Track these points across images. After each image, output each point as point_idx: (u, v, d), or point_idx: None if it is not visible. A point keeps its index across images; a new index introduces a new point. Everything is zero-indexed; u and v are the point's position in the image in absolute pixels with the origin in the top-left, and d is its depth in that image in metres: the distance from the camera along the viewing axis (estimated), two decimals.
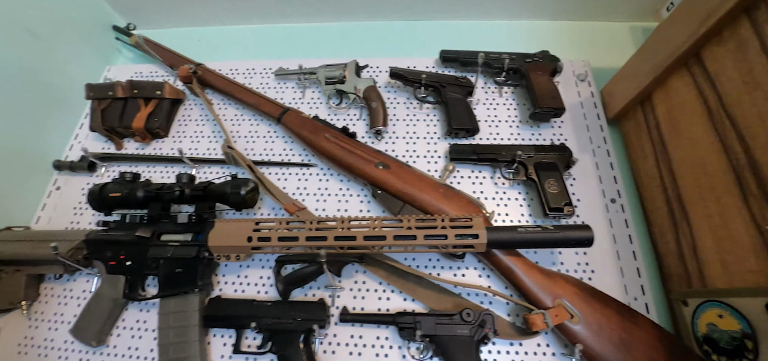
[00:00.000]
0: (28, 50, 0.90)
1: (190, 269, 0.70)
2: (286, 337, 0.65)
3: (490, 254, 0.69)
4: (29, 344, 0.77)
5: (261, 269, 0.77)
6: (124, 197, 0.74)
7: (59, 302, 0.80)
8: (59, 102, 0.98)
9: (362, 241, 0.65)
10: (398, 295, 0.73)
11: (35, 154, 0.92)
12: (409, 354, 0.69)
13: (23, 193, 0.89)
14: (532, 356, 0.68)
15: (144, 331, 0.75)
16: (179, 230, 0.73)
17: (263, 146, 0.91)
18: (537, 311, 0.64)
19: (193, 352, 0.67)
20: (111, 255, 0.74)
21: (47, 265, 0.76)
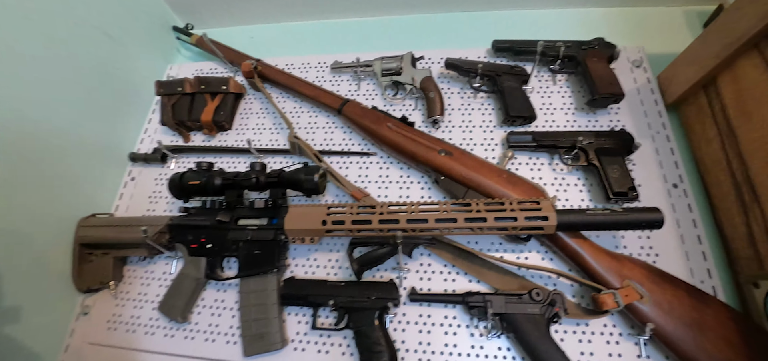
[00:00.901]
0: (105, 51, 0.97)
1: (268, 251, 0.75)
2: (363, 314, 0.69)
3: (556, 237, 0.71)
4: (117, 320, 0.83)
5: (329, 252, 0.81)
6: (202, 184, 0.79)
7: (142, 282, 0.86)
8: (130, 98, 1.05)
9: (434, 223, 0.68)
10: (463, 277, 0.76)
11: (112, 147, 0.99)
12: (477, 333, 0.71)
13: (102, 183, 0.96)
14: (599, 336, 0.69)
15: (223, 309, 0.80)
16: (255, 215, 0.78)
17: (323, 137, 0.95)
18: (607, 291, 0.65)
19: (273, 327, 0.72)
20: (192, 238, 0.79)
21: (132, 248, 0.83)
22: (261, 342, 0.71)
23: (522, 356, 0.69)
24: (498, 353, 0.70)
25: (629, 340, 0.68)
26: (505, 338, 0.71)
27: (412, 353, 0.71)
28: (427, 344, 0.72)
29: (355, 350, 0.72)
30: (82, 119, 0.90)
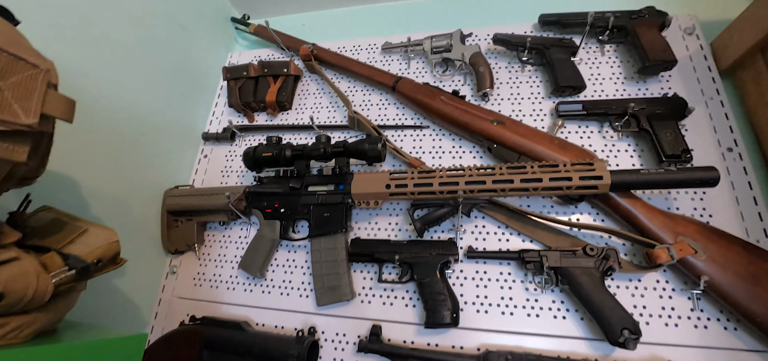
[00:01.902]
0: (180, 41, 1.08)
1: (336, 213, 0.83)
2: (425, 268, 0.76)
3: (608, 197, 0.75)
4: (202, 278, 0.95)
5: (389, 216, 0.89)
6: (274, 156, 0.88)
7: (221, 245, 0.97)
8: (200, 84, 1.15)
9: (491, 184, 0.73)
10: (517, 237, 0.81)
11: (187, 128, 1.10)
12: (531, 287, 0.77)
13: (181, 160, 1.07)
14: (652, 291, 0.73)
15: (294, 268, 0.89)
16: (323, 182, 0.86)
17: (377, 113, 1.02)
18: (661, 246, 0.69)
19: (343, 281, 0.80)
20: (267, 204, 0.89)
21: (213, 214, 0.93)
22: (332, 293, 0.80)
23: (575, 308, 0.74)
24: (552, 305, 0.75)
25: (682, 295, 0.71)
26: (559, 292, 0.75)
27: (470, 305, 0.77)
28: (485, 298, 0.77)
29: (418, 303, 0.79)
30: (162, 103, 1.02)
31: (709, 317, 0.69)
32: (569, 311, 0.74)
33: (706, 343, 0.68)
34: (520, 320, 0.75)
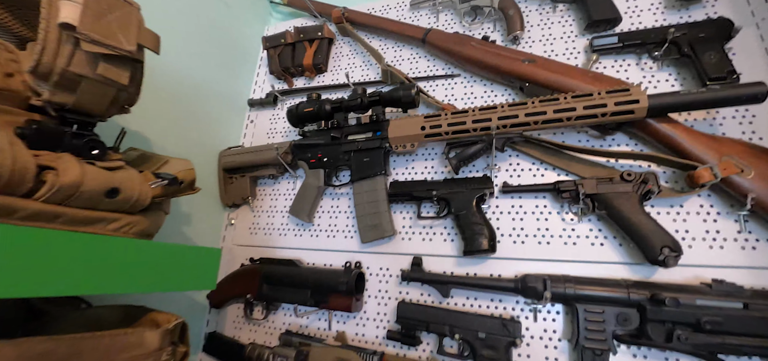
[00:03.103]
0: (224, 17, 1.17)
1: (375, 158, 0.88)
2: (462, 201, 0.80)
3: (646, 124, 0.74)
4: (256, 227, 1.05)
5: (424, 160, 0.93)
6: (315, 111, 0.94)
7: (271, 198, 1.06)
8: (243, 55, 1.24)
9: (524, 117, 0.75)
10: (551, 171, 0.83)
11: (235, 96, 1.20)
12: (568, 217, 0.78)
13: (229, 126, 1.17)
14: (695, 215, 0.72)
15: (338, 213, 0.96)
16: (361, 130, 0.91)
17: (409, 67, 1.06)
18: (703, 166, 0.68)
19: (384, 219, 0.86)
20: (311, 155, 0.96)
21: (264, 168, 1.02)
22: (375, 230, 0.86)
23: (613, 235, 0.75)
24: (589, 233, 0.76)
25: (728, 217, 0.70)
26: (596, 220, 0.77)
27: (507, 238, 0.81)
28: (521, 229, 0.80)
29: (456, 237, 0.83)
30: (211, 74, 1.11)
31: (757, 238, 0.68)
32: (607, 238, 0.75)
33: (755, 263, 0.67)
34: (557, 248, 0.77)
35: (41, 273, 0.36)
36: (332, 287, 0.81)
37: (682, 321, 0.62)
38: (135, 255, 0.46)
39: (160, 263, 0.50)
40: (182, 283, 0.54)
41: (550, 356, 0.72)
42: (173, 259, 0.53)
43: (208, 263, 0.59)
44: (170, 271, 0.52)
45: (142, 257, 0.47)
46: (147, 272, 0.48)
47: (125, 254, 0.45)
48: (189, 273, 0.55)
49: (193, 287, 0.56)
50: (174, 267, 0.52)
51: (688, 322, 0.61)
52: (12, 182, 0.35)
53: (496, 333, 0.71)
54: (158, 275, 0.50)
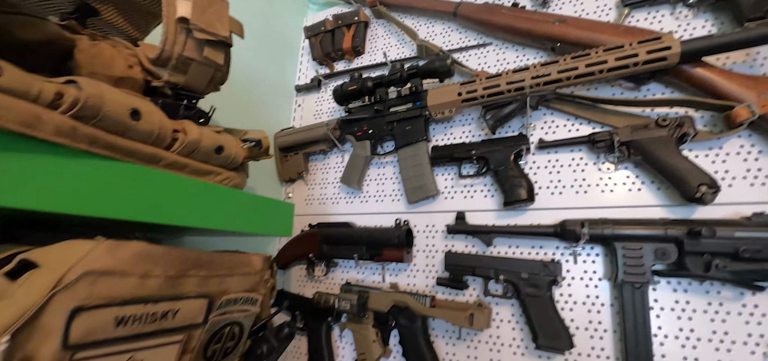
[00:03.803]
0: (268, 13, 1.28)
1: (416, 125, 0.97)
2: (499, 158, 0.86)
3: (681, 71, 0.76)
4: (310, 198, 1.17)
5: (462, 126, 1.00)
6: (359, 88, 1.04)
7: (322, 172, 1.17)
8: (287, 45, 1.36)
9: (556, 74, 0.80)
10: (586, 125, 0.86)
11: (283, 84, 1.32)
12: (604, 167, 0.83)
13: (280, 111, 1.30)
14: (734, 156, 0.74)
15: (384, 180, 1.06)
16: (402, 102, 1.00)
17: (442, 41, 1.12)
18: (741, 105, 0.70)
19: (428, 180, 0.94)
20: (357, 128, 1.06)
21: (315, 144, 1.13)
22: (420, 191, 0.94)
23: (651, 180, 0.78)
24: (626, 180, 0.80)
25: None
26: (633, 167, 0.80)
27: (544, 190, 0.86)
28: (558, 182, 0.85)
29: (496, 193, 0.90)
30: (263, 64, 1.23)
31: None
32: (644, 183, 0.79)
33: None
34: (595, 196, 0.82)
35: (175, 206, 0.48)
36: (385, 241, 0.91)
37: (720, 251, 0.65)
38: (234, 201, 0.58)
39: (250, 210, 0.62)
40: (267, 228, 0.65)
41: (590, 294, 0.78)
42: (260, 208, 0.64)
43: (285, 213, 0.71)
44: (258, 217, 0.63)
45: (238, 203, 0.59)
46: (242, 215, 0.60)
47: (227, 200, 0.57)
48: (272, 221, 0.67)
49: (274, 232, 0.67)
50: (261, 214, 0.64)
51: (726, 252, 0.65)
52: (159, 138, 0.47)
53: (538, 273, 0.77)
54: (249, 219, 0.61)
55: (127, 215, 0.43)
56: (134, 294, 0.39)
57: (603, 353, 0.74)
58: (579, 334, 0.77)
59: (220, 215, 0.55)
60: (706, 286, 0.70)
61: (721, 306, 0.69)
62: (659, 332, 0.71)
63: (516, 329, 0.82)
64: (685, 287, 0.72)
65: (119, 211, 0.42)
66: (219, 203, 0.55)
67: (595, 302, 0.77)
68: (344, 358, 0.99)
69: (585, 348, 0.76)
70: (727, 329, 0.68)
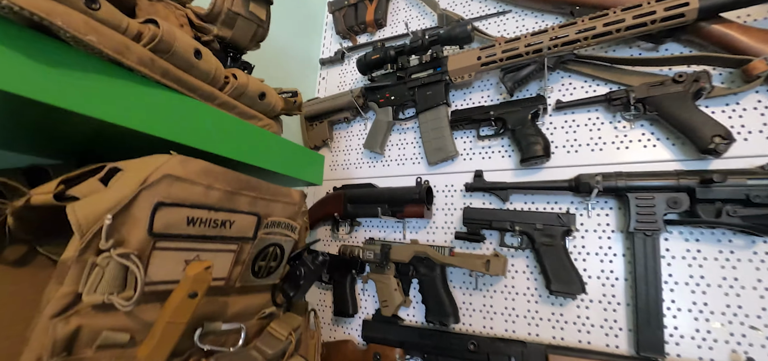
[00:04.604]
0: None
1: (437, 90, 1.01)
2: (517, 117, 0.90)
3: (699, 28, 0.78)
4: (335, 163, 1.24)
5: (480, 91, 1.04)
6: (382, 56, 1.09)
7: (346, 139, 1.24)
8: (311, 19, 1.42)
9: (574, 35, 0.83)
10: (603, 87, 0.89)
11: (307, 57, 1.38)
12: (620, 125, 0.85)
13: (305, 83, 1.36)
14: (752, 110, 0.75)
15: (406, 144, 1.11)
16: (423, 69, 1.04)
17: (462, 10, 1.15)
18: (758, 58, 0.71)
19: (447, 142, 0.99)
20: (380, 96, 1.11)
21: (339, 112, 1.20)
22: (439, 152, 0.99)
23: (666, 136, 0.81)
24: (642, 137, 0.83)
25: None
26: (649, 125, 0.83)
27: (561, 149, 0.90)
28: (574, 141, 0.89)
29: (513, 153, 0.94)
30: (290, 38, 1.30)
31: None
32: (660, 139, 0.81)
33: None
34: (610, 153, 0.85)
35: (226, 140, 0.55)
36: (406, 197, 0.96)
37: (732, 198, 0.68)
38: (274, 144, 0.65)
39: (288, 154, 0.69)
40: (302, 173, 0.72)
41: (603, 245, 0.81)
42: (296, 154, 0.71)
43: (317, 163, 0.77)
44: (295, 162, 0.70)
45: (278, 147, 0.66)
46: (281, 158, 0.67)
47: (269, 142, 0.64)
48: (306, 167, 0.73)
49: (308, 177, 0.74)
50: (297, 160, 0.71)
51: (738, 198, 0.67)
52: (215, 78, 0.54)
53: (553, 224, 0.81)
54: (287, 162, 0.68)
55: (188, 141, 0.50)
56: (201, 201, 0.46)
57: (614, 299, 0.78)
58: (591, 282, 0.81)
59: (263, 154, 0.62)
60: (717, 235, 0.73)
61: (732, 254, 0.71)
62: (669, 279, 0.75)
63: (530, 279, 0.87)
64: (696, 236, 0.74)
65: (182, 136, 0.49)
66: (262, 143, 0.62)
67: (607, 253, 0.81)
68: (367, 308, 1.06)
69: (597, 295, 0.80)
70: (737, 275, 0.70)
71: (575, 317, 0.81)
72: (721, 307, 0.70)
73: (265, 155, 0.63)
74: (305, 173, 0.73)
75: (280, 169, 0.66)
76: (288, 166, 0.68)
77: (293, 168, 0.70)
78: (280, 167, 0.66)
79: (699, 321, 0.71)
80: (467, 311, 0.92)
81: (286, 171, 0.68)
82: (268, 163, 0.63)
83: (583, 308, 0.81)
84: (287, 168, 0.68)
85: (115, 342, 0.41)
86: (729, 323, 0.69)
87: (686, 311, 0.73)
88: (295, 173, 0.70)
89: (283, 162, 0.67)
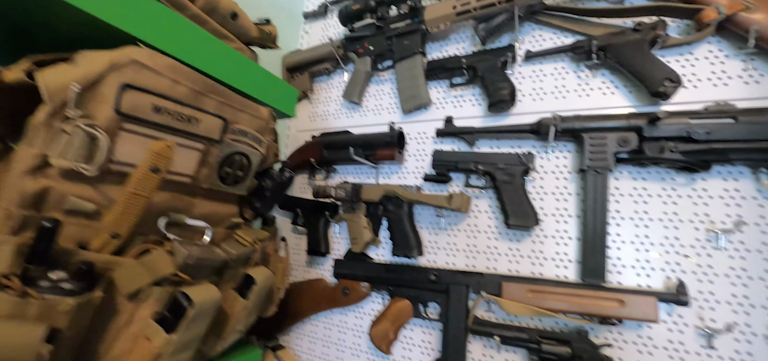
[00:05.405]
0: None
1: (414, 40, 1.04)
2: (487, 65, 0.93)
3: None
4: (315, 115, 1.27)
5: (456, 44, 1.07)
6: (362, 7, 1.11)
7: (326, 91, 1.27)
8: None
9: None
10: (571, 38, 0.93)
11: (290, 9, 1.39)
12: (582, 75, 0.89)
13: (288, 37, 1.38)
14: (703, 59, 0.80)
15: (383, 94, 1.14)
16: (401, 19, 1.07)
17: None
18: (709, 6, 0.75)
19: (421, 90, 1.02)
20: (359, 46, 1.14)
21: (320, 63, 1.22)
22: (413, 100, 1.03)
23: (624, 84, 0.85)
24: (602, 85, 0.87)
25: (735, 58, 0.77)
26: (609, 74, 0.87)
27: (527, 97, 0.94)
28: (540, 89, 0.93)
29: (483, 101, 0.98)
30: None
31: (762, 73, 0.75)
32: (618, 87, 0.85)
33: (757, 94, 0.74)
34: (572, 101, 0.89)
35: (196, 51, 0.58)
36: (379, 141, 1.00)
37: (674, 135, 0.73)
38: (246, 67, 0.68)
39: (260, 80, 0.72)
40: (274, 101, 0.75)
41: (560, 185, 0.86)
42: (269, 81, 0.75)
43: (290, 94, 0.81)
44: (267, 89, 0.73)
45: (250, 70, 0.69)
46: (253, 82, 0.70)
47: (240, 63, 0.67)
48: (278, 97, 0.77)
49: (280, 106, 0.77)
50: (269, 87, 0.74)
51: (680, 135, 0.72)
52: None
53: (513, 163, 0.86)
54: (259, 87, 0.71)
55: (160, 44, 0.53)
56: (167, 93, 0.49)
57: (566, 234, 0.84)
58: (547, 219, 0.86)
59: (233, 73, 0.65)
60: (662, 173, 0.78)
61: (674, 191, 0.77)
62: (617, 214, 0.80)
63: (491, 218, 0.92)
64: (644, 175, 0.80)
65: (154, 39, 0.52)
66: (232, 61, 0.65)
67: (563, 193, 0.86)
68: (340, 250, 1.11)
69: (551, 231, 0.85)
70: (676, 210, 0.76)
71: (530, 252, 0.86)
72: (660, 239, 0.76)
73: (235, 74, 0.65)
74: (277, 102, 0.76)
75: (250, 92, 0.69)
76: (259, 90, 0.71)
77: (265, 94, 0.73)
78: (250, 89, 0.69)
79: (639, 252, 0.77)
80: (433, 250, 0.97)
81: (257, 94, 0.71)
82: (237, 83, 0.66)
83: (538, 243, 0.86)
84: (258, 92, 0.71)
85: (81, 209, 0.45)
86: (666, 252, 0.75)
87: (629, 242, 0.78)
88: (266, 99, 0.73)
89: (255, 86, 0.70)
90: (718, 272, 0.72)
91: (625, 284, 0.77)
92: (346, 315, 1.06)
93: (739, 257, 0.71)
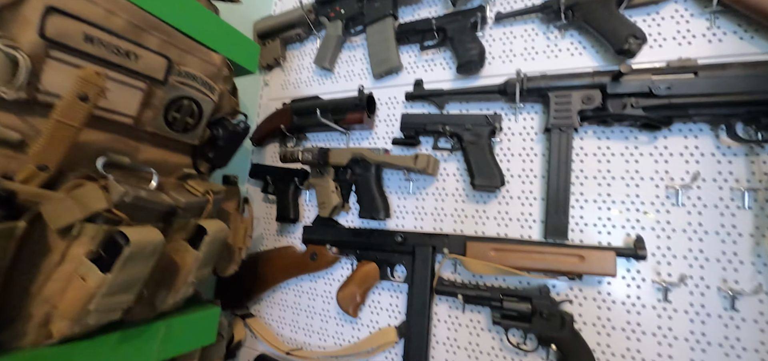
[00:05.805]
0: None
1: (385, 1, 1.02)
2: (457, 28, 0.92)
3: None
4: (286, 83, 1.24)
5: (428, 8, 1.05)
6: None
7: (298, 58, 1.24)
8: None
9: None
10: None
11: None
12: (551, 36, 0.88)
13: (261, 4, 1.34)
14: (669, 19, 0.79)
15: (355, 60, 1.12)
16: None
17: None
18: None
19: (392, 54, 1.00)
20: (330, 9, 1.11)
21: (291, 29, 1.19)
22: (384, 64, 1.01)
23: (591, 44, 0.84)
24: (570, 46, 0.86)
25: (700, 17, 0.77)
26: (578, 35, 0.86)
27: (497, 59, 0.93)
28: (510, 51, 0.92)
29: (453, 64, 0.97)
30: None
31: (725, 31, 0.75)
32: (586, 48, 0.85)
33: (719, 53, 0.74)
34: (541, 63, 0.88)
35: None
36: (348, 105, 0.98)
37: (636, 92, 0.72)
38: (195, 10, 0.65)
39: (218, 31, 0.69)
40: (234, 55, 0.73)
41: (526, 146, 0.86)
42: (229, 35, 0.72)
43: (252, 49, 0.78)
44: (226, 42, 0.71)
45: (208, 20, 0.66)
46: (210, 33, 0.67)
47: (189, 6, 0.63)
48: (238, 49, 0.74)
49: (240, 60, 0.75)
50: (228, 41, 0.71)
51: (642, 91, 0.72)
52: None
53: (480, 124, 0.85)
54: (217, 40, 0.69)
55: None
56: (101, 22, 0.47)
57: (531, 194, 0.84)
58: (513, 181, 0.86)
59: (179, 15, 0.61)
60: (625, 132, 0.78)
61: (637, 149, 0.77)
62: (581, 173, 0.80)
63: (459, 180, 0.91)
64: (607, 134, 0.80)
65: None
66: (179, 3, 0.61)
67: (529, 153, 0.85)
68: (310, 217, 1.09)
69: (517, 192, 0.85)
70: (638, 167, 0.76)
71: (496, 213, 0.86)
72: (622, 196, 0.77)
73: (181, 16, 0.61)
74: (234, 54, 0.73)
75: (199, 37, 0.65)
76: (211, 38, 0.68)
77: (218, 43, 0.69)
78: (200, 35, 0.65)
79: (601, 210, 0.78)
80: (401, 214, 0.96)
81: (209, 42, 0.67)
82: (184, 25, 0.62)
83: (504, 204, 0.86)
84: (210, 39, 0.68)
85: (6, 138, 0.43)
86: (627, 210, 0.76)
87: (591, 201, 0.79)
88: (220, 48, 0.70)
89: (205, 32, 0.66)
90: (675, 228, 0.72)
91: (586, 242, 0.77)
92: (316, 282, 1.05)
93: (697, 213, 0.71)
